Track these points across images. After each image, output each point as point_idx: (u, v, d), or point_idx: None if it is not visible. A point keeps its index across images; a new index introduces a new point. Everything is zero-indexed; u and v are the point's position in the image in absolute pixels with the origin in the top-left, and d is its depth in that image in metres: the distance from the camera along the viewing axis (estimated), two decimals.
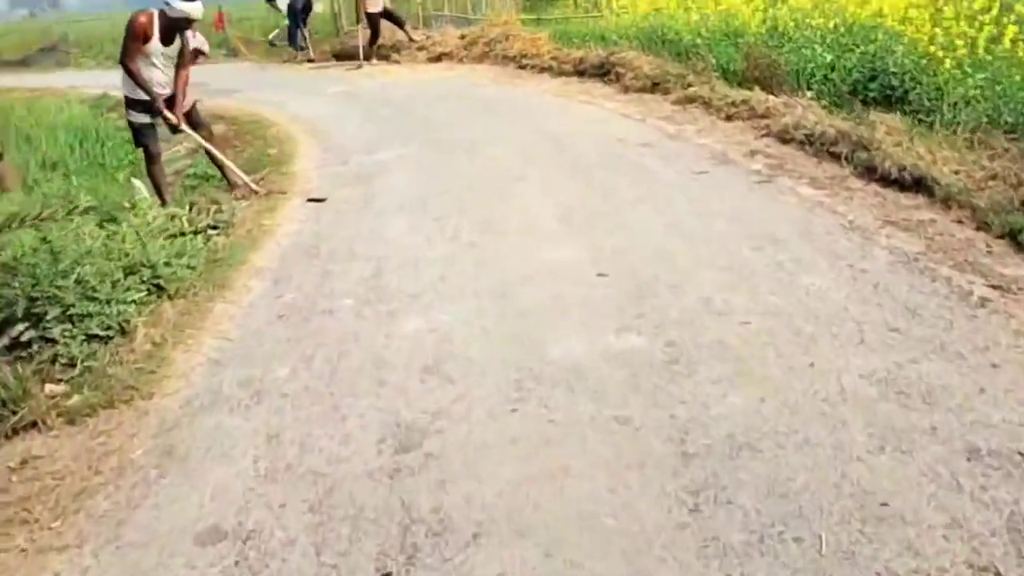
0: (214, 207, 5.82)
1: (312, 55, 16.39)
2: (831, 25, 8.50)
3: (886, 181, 5.25)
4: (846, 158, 5.74)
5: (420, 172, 6.69)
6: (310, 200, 6.18)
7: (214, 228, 5.54)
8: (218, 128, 10.13)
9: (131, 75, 6.03)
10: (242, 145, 9.06)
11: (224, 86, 13.98)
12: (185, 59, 6.34)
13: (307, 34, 16.61)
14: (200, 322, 4.17)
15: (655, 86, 9.34)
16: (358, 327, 3.95)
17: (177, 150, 8.83)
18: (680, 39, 10.62)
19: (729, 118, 7.51)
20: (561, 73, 11.27)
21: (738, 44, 9.78)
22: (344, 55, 15.94)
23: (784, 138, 6.50)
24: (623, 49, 10.75)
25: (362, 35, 14.66)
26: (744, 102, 7.65)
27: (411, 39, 14.99)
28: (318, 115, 10.29)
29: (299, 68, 15.73)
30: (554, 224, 5.06)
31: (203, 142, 6.54)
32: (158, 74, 6.10)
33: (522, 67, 12.22)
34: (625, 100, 9.09)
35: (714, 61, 9.17)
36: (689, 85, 8.88)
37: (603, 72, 10.56)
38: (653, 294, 3.95)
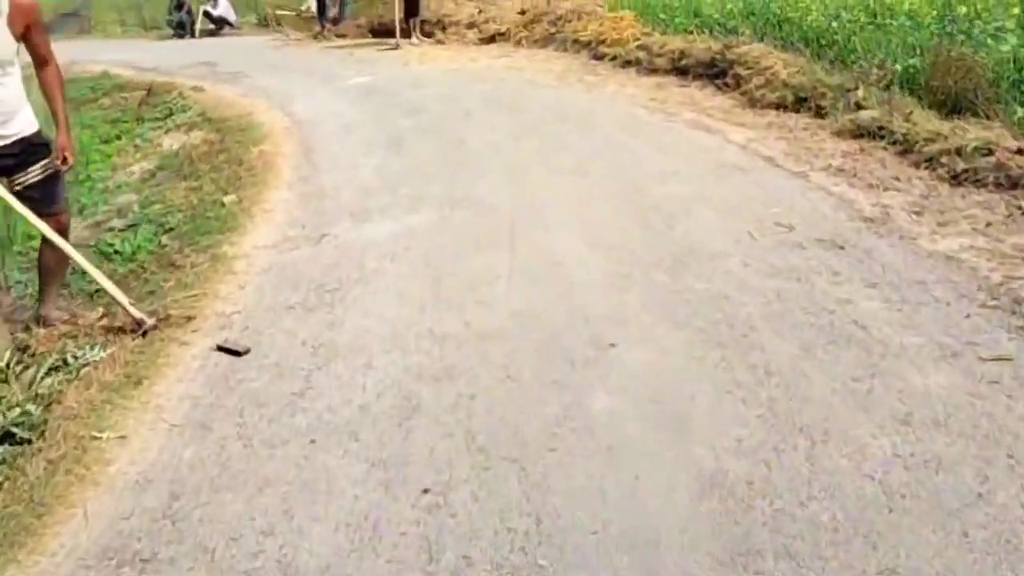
0: (24, 376, 3.01)
1: (341, 29, 13.43)
2: None
3: None
4: None
5: (426, 286, 3.67)
6: (220, 349, 3.31)
7: (10, 436, 2.75)
8: (199, 137, 7.36)
9: None
10: (206, 172, 6.24)
11: (232, 67, 11.18)
12: (42, 57, 3.50)
13: (333, 3, 13.65)
14: None
15: (799, 102, 6.17)
16: None
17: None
18: (804, 22, 7.43)
19: (956, 179, 4.35)
20: (653, 70, 8.11)
21: (886, 29, 6.59)
22: (381, 31, 12.96)
23: None
24: (744, 41, 7.54)
25: (398, 6, 11.64)
26: (977, 151, 4.47)
27: (418, 34, 11.91)
28: (320, 122, 7.38)
29: (327, 45, 12.80)
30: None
31: (47, 230, 3.62)
32: None
33: (598, 57, 9.07)
34: (756, 124, 5.94)
35: (897, 67, 5.96)
36: (859, 106, 5.70)
37: (715, 73, 7.39)
38: None
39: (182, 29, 15.25)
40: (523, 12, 11.46)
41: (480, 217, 4.48)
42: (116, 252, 4.73)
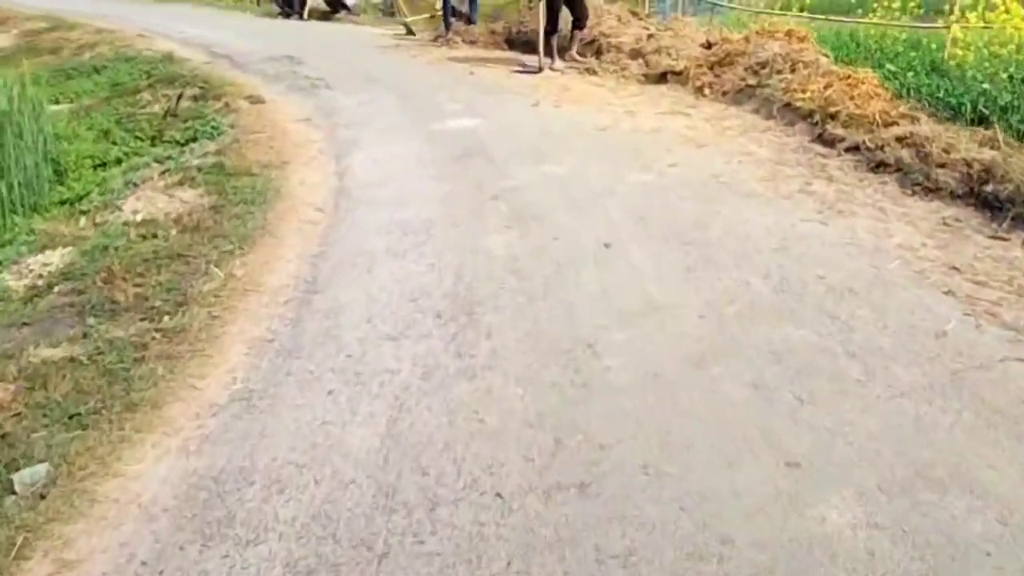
0: None
1: (471, 33, 10.42)
2: None
3: None
4: None
5: None
6: None
7: None
8: (178, 208, 4.53)
9: None
10: (104, 318, 3.38)
11: (315, 70, 8.47)
12: None
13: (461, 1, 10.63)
14: None
15: None
16: None
17: None
18: None
19: None
20: (931, 189, 4.67)
21: None
22: (521, 42, 9.91)
23: None
24: None
25: (542, 16, 8.52)
26: None
27: (573, 53, 8.74)
28: (371, 208, 4.39)
29: (448, 54, 9.82)
30: None
31: None
32: None
33: (827, 142, 5.64)
34: None
35: None
36: None
37: None
38: None
39: (289, 7, 12.68)
40: (708, 46, 8.12)
41: None
42: None
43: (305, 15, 12.66)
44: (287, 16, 12.75)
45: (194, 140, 6.13)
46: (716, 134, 5.94)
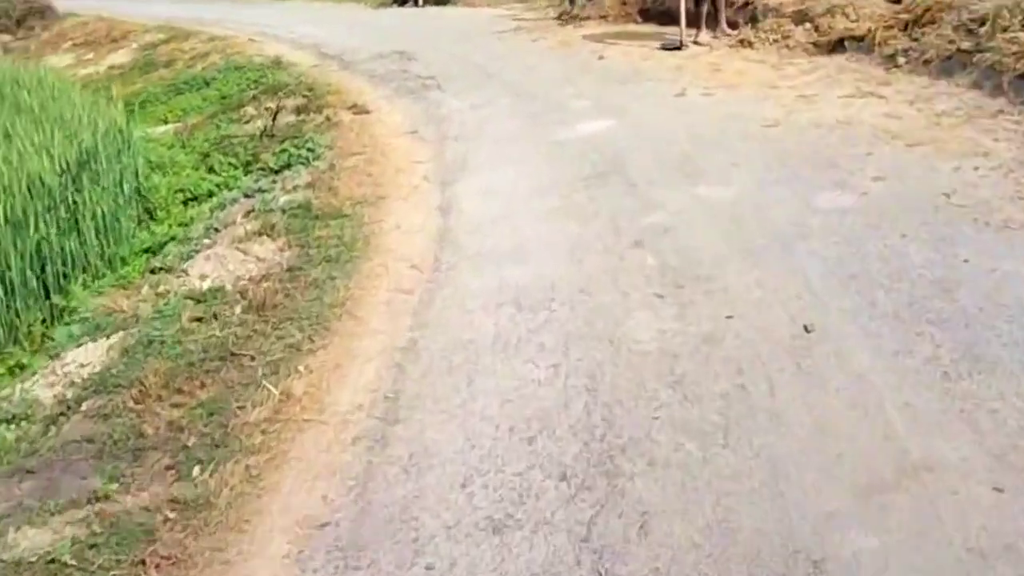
0: None
1: (597, 6, 9.10)
2: None
3: None
4: None
5: None
6: None
7: None
8: (241, 283, 3.67)
9: None
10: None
11: (428, 67, 7.58)
12: None
13: None
14: None
15: None
16: None
17: None
18: None
19: None
20: None
21: None
22: (657, 13, 8.56)
23: None
24: None
25: None
26: None
27: (723, 27, 7.26)
28: (480, 269, 3.36)
29: (575, 33, 8.59)
30: None
31: None
32: None
33: None
34: None
35: None
36: None
37: None
38: None
39: None
40: (897, 0, 6.47)
41: None
42: None
43: (420, 1, 11.76)
44: (402, 3, 11.92)
45: (288, 167, 5.33)
46: (929, 125, 4.46)
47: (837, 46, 6.41)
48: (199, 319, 3.24)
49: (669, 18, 8.28)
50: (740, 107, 5.21)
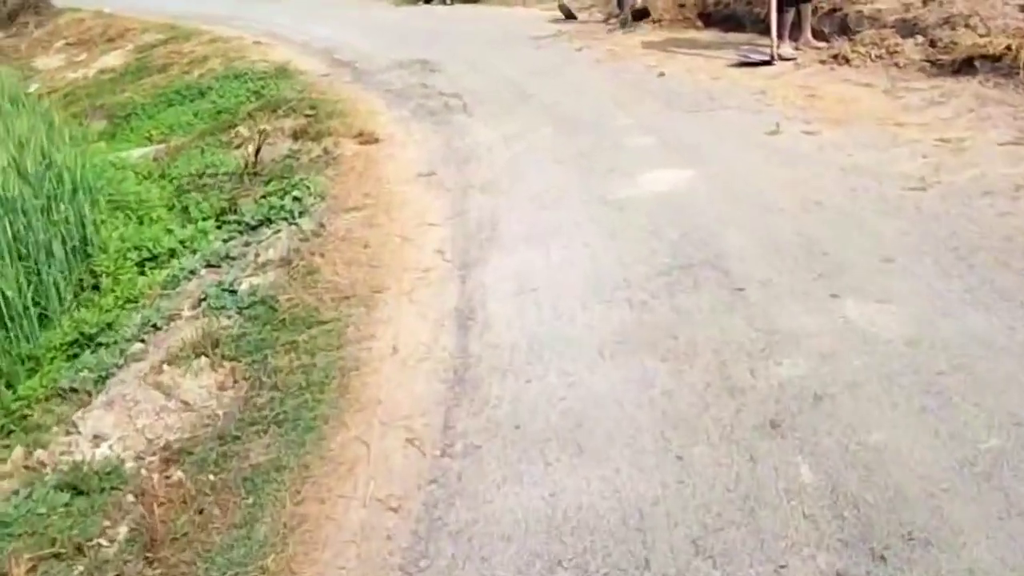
0: None
1: (649, 9, 7.65)
2: None
3: None
4: None
5: None
6: None
7: None
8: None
9: None
10: None
11: (453, 83, 6.26)
12: None
13: None
14: None
15: None
16: None
17: None
18: None
19: None
20: None
21: None
22: (718, 20, 7.16)
23: None
24: None
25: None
26: None
27: (807, 36, 5.84)
28: (507, 421, 2.07)
29: (627, 42, 7.18)
30: None
31: None
32: None
33: None
34: None
35: None
36: None
37: None
38: None
39: None
40: None
41: None
42: None
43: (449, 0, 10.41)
44: (428, 0, 10.57)
45: (268, 221, 4.06)
46: None
47: (964, 66, 4.97)
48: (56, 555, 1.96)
49: (736, 24, 6.90)
50: (861, 155, 3.82)
